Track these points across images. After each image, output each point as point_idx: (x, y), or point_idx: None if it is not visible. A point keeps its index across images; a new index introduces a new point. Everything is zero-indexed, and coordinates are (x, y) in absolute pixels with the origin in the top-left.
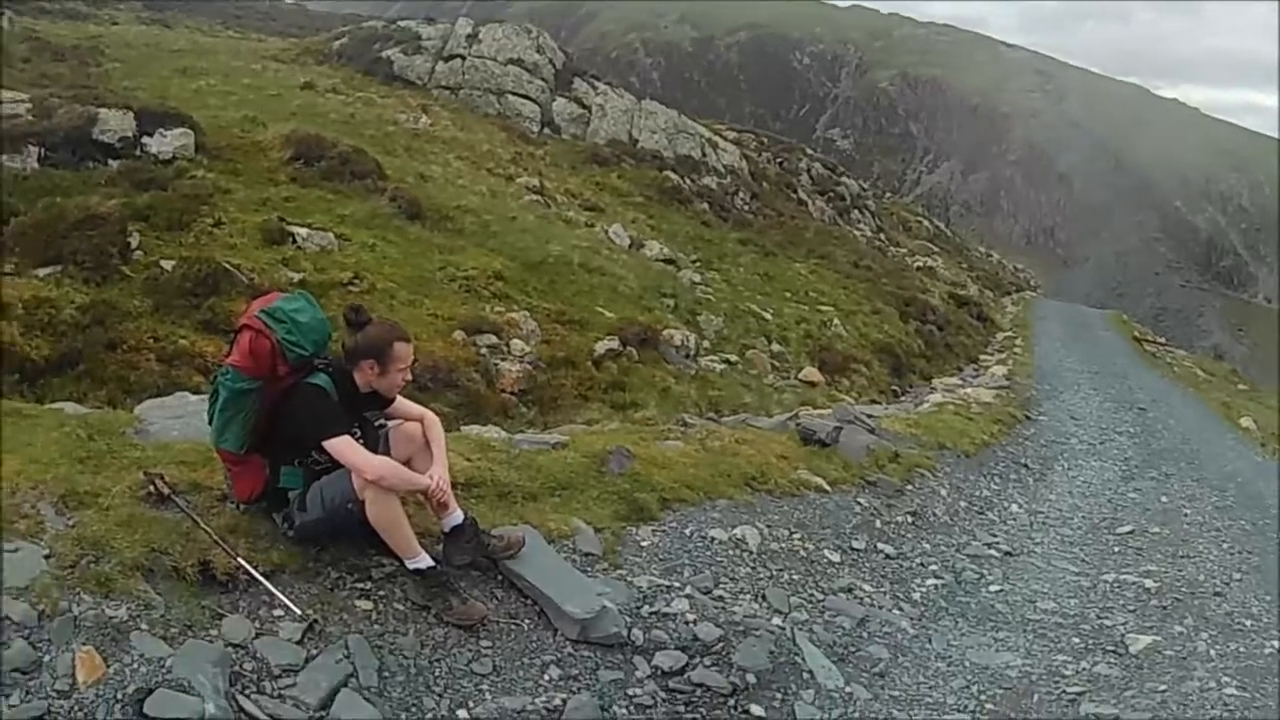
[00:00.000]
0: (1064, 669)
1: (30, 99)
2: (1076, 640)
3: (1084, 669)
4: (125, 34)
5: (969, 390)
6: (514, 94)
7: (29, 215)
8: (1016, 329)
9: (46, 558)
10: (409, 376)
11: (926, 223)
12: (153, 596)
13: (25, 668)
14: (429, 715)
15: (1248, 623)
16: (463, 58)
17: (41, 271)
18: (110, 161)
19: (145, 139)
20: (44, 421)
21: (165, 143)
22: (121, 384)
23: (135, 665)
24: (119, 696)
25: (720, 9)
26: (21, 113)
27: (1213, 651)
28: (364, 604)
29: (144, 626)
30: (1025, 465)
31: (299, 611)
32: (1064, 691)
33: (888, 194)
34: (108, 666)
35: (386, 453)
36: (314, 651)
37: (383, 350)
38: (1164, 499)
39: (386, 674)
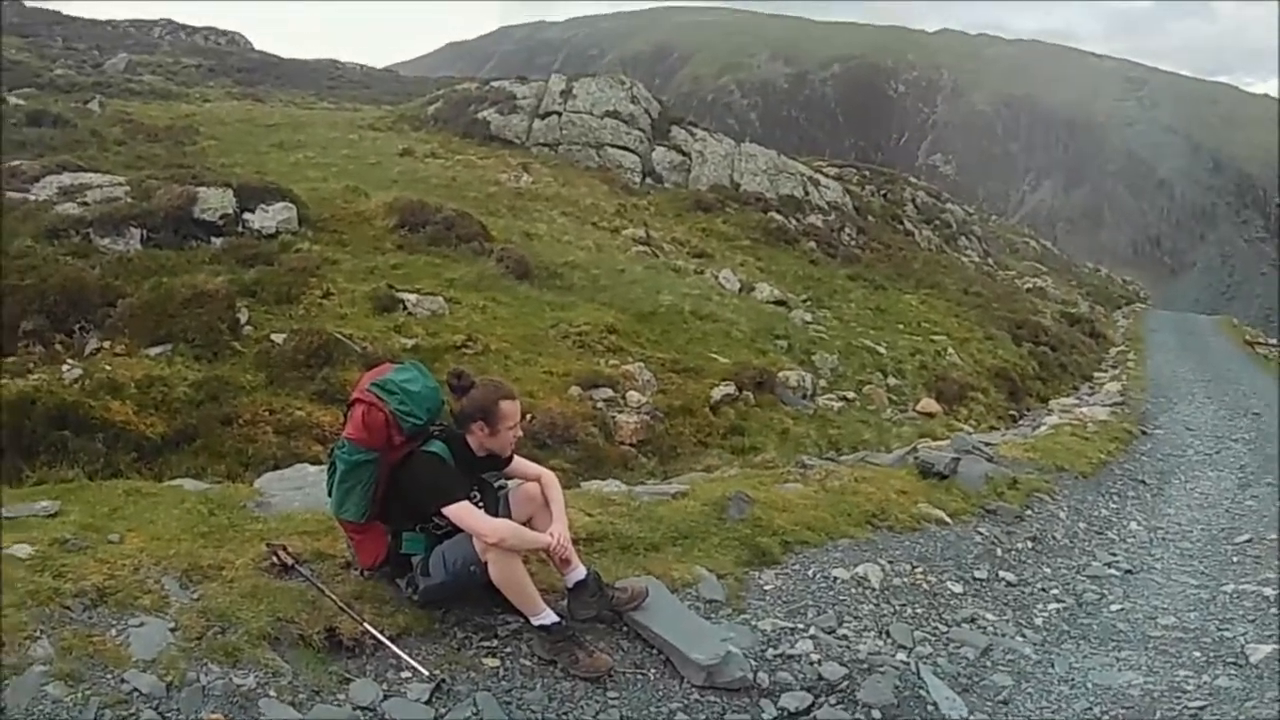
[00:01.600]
0: (1185, 684)
1: (128, 181)
2: (1197, 654)
3: (1205, 682)
4: (218, 111)
5: (1084, 409)
6: (613, 146)
7: (136, 296)
8: (1129, 343)
9: (172, 630)
10: (520, 433)
11: (1033, 243)
12: (280, 664)
13: None
14: None
15: None
16: (559, 114)
17: (152, 351)
18: (213, 239)
19: (247, 215)
20: (164, 499)
21: (267, 217)
22: (239, 457)
23: None
24: None
25: (810, 42)
26: (120, 195)
27: None
28: (491, 661)
29: (272, 694)
30: (1142, 481)
31: (426, 672)
32: (1185, 707)
33: (993, 217)
34: None
35: (507, 514)
36: (442, 711)
37: (489, 410)
38: None
39: None
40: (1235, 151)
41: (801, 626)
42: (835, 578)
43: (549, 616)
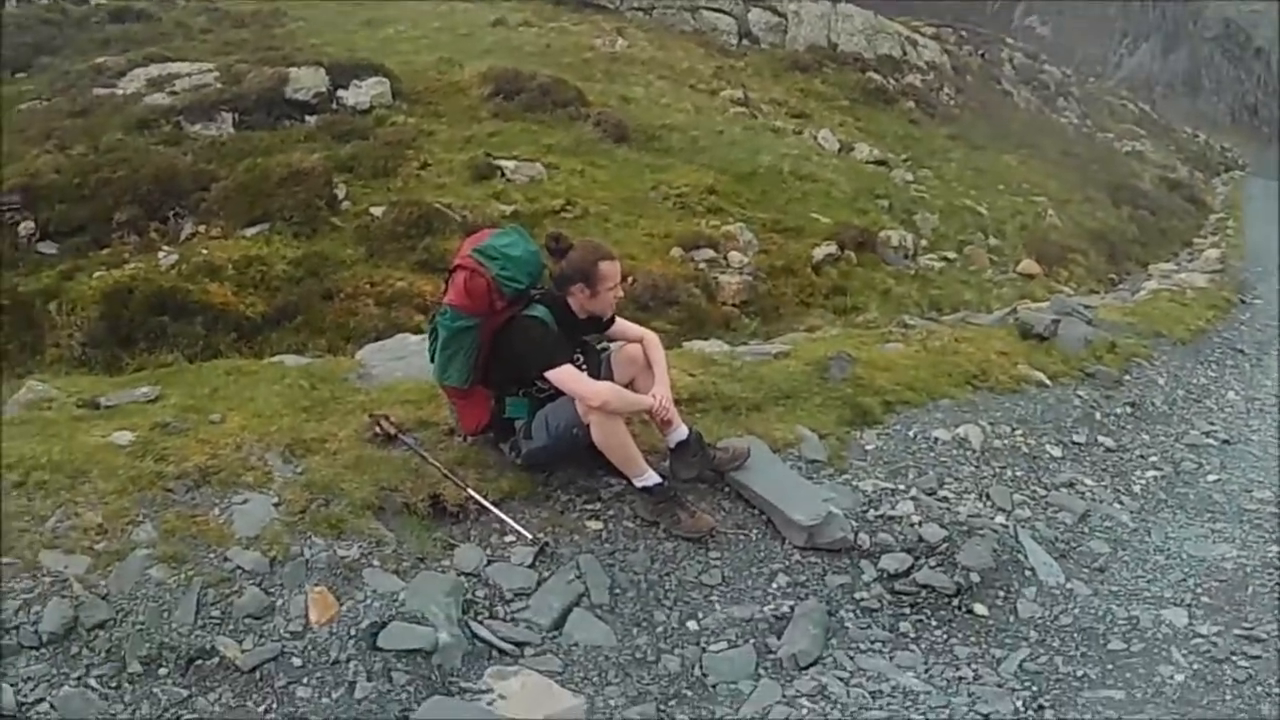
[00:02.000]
0: (1278, 560)
1: (216, 67)
2: None
3: None
4: None
5: (1183, 275)
6: (708, 9)
7: (230, 178)
8: (1228, 210)
9: (276, 506)
10: (620, 294)
11: (1131, 106)
12: (384, 533)
13: (258, 613)
14: (659, 629)
15: None
16: None
17: (249, 231)
18: (307, 118)
19: (340, 92)
20: (265, 375)
21: (361, 93)
22: (341, 331)
23: (368, 601)
24: (352, 632)
25: None
26: (210, 81)
27: None
28: (594, 524)
29: (376, 563)
30: (1241, 350)
31: (530, 536)
32: (1278, 583)
33: (1091, 79)
34: (340, 605)
35: (609, 376)
36: (546, 574)
37: (589, 272)
38: None
39: (617, 590)
40: None
41: (902, 488)
42: (936, 438)
43: (651, 478)
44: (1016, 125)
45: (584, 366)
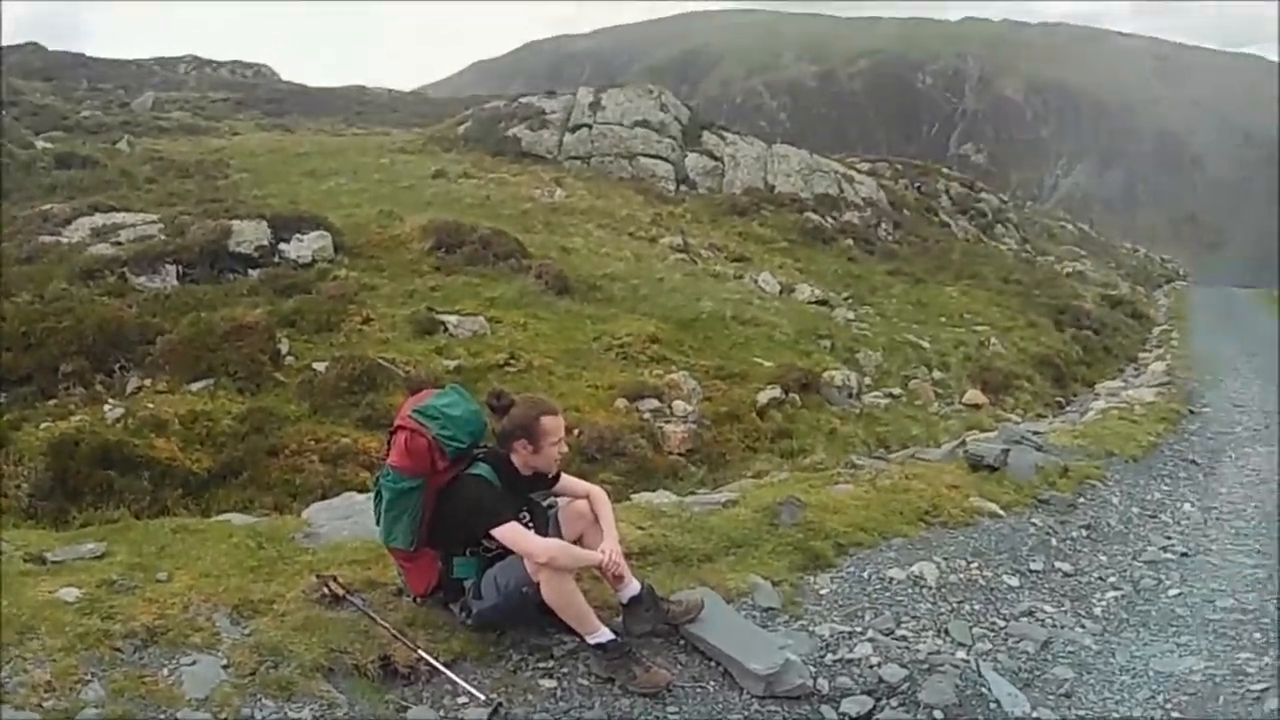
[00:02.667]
0: (1247, 667)
1: (161, 218)
2: (1258, 635)
3: (1267, 664)
4: (248, 143)
5: (1131, 392)
6: (645, 155)
7: (175, 332)
8: (1171, 321)
9: (225, 667)
10: (565, 449)
11: (1070, 227)
12: (335, 696)
13: None
14: None
15: None
16: (589, 126)
17: (194, 386)
18: (250, 271)
19: (282, 245)
20: (212, 534)
21: (303, 247)
22: (287, 488)
23: None
24: None
25: (835, 39)
26: (154, 233)
27: None
28: (547, 683)
29: None
30: (1194, 461)
31: (483, 697)
32: (1248, 690)
33: (1028, 203)
34: None
35: (556, 532)
36: None
37: (531, 428)
38: None
39: None
40: (1267, 122)
41: (859, 629)
42: (891, 578)
43: (604, 634)
44: (956, 256)
45: (531, 524)
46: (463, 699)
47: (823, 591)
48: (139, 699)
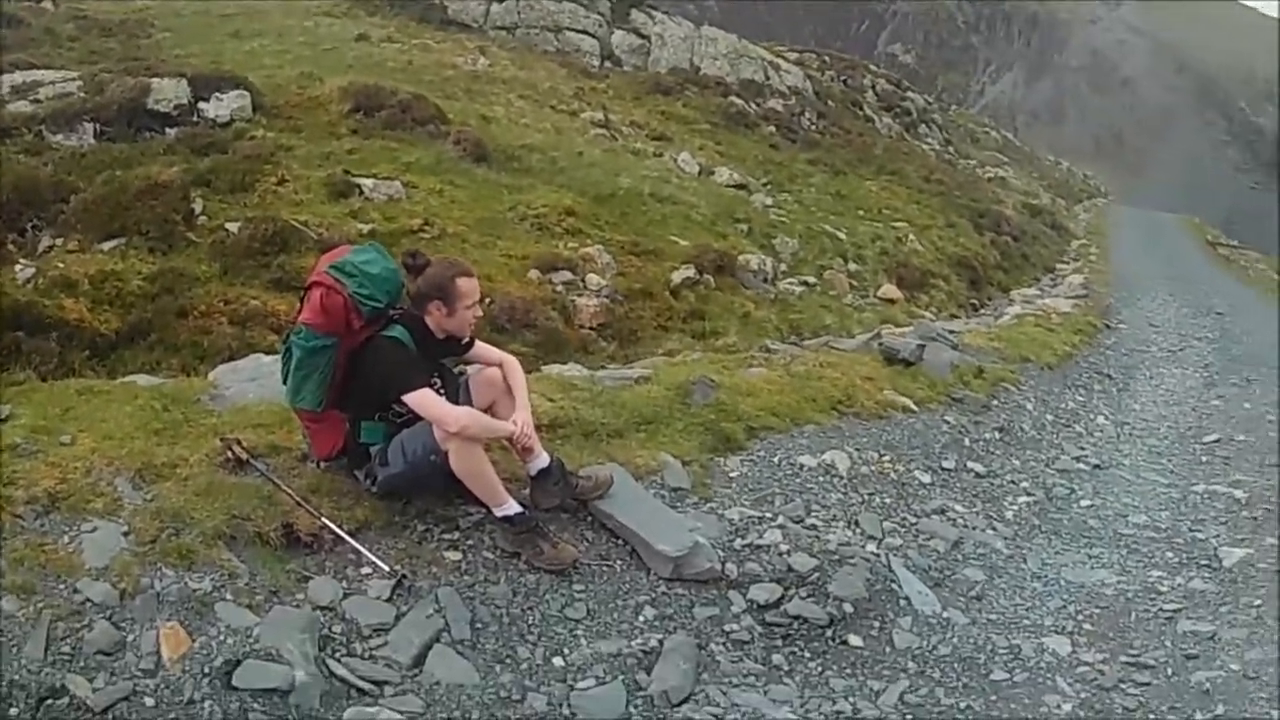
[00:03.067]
0: (1159, 585)
1: (81, 76)
2: (1170, 555)
3: (1179, 584)
4: (173, 4)
5: (1048, 301)
6: (571, 30)
7: (89, 191)
8: (1091, 237)
9: (125, 534)
10: (479, 313)
11: (994, 134)
12: (236, 565)
13: (109, 649)
14: (523, 665)
15: None
16: None
17: (106, 245)
18: (167, 130)
19: (201, 104)
20: (117, 396)
21: (222, 106)
22: (195, 350)
23: (221, 637)
24: (206, 670)
25: None
26: (73, 90)
27: None
28: (453, 555)
29: (229, 596)
30: (1108, 375)
31: (387, 568)
32: (1160, 609)
33: (953, 107)
34: (193, 640)
35: (468, 401)
36: (404, 608)
37: (446, 289)
38: (1247, 405)
39: (479, 625)
40: (1200, 55)
41: (769, 515)
42: (802, 464)
43: (512, 507)
44: (878, 151)
45: (442, 390)
46: (366, 569)
47: (733, 474)
48: (39, 568)
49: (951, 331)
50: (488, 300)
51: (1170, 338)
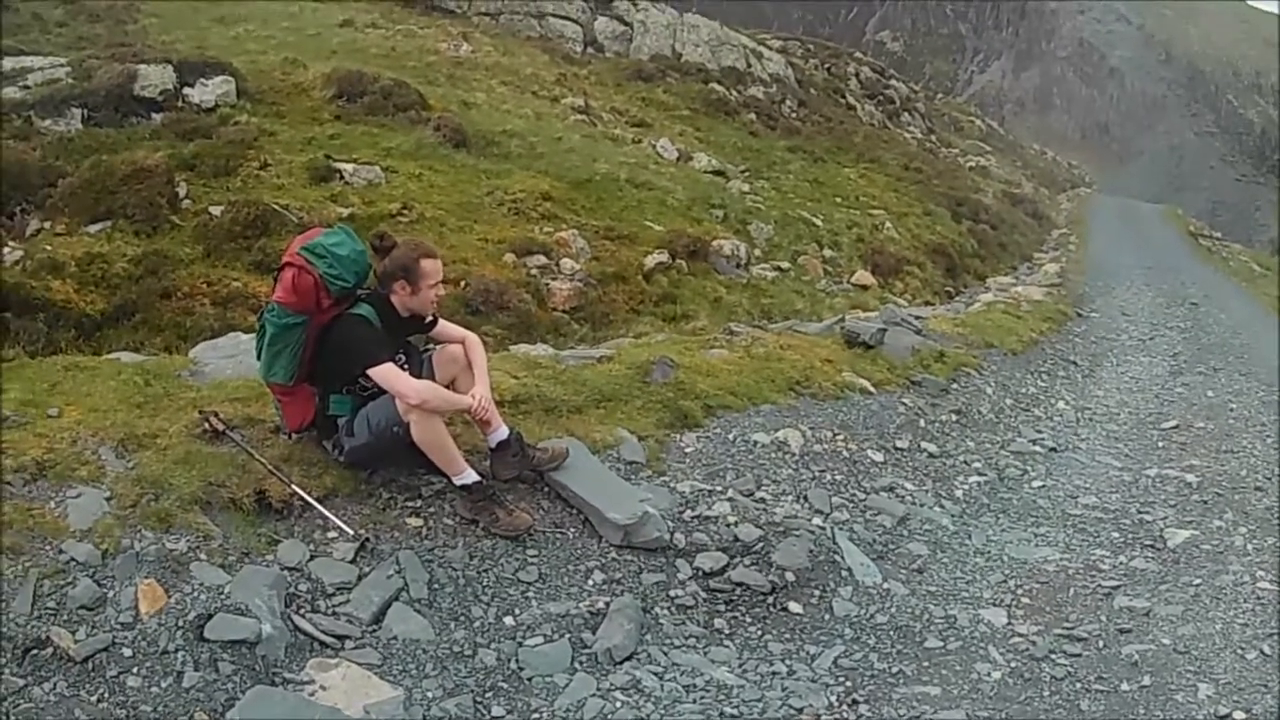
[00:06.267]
0: (1101, 563)
1: (68, 62)
2: (1116, 535)
3: (1121, 563)
4: None
5: (1020, 289)
6: (555, 16)
7: (76, 174)
8: (1071, 226)
9: (108, 499)
10: (441, 292)
11: (979, 122)
12: (211, 528)
13: (90, 604)
14: (476, 623)
15: None
16: None
17: (92, 228)
18: (153, 115)
19: (186, 90)
20: (102, 371)
21: (206, 92)
22: (177, 330)
23: (195, 594)
24: (180, 623)
25: None
26: (61, 76)
27: (1250, 546)
28: (414, 521)
29: (203, 556)
30: (1074, 362)
31: (351, 532)
32: (1099, 585)
33: (939, 95)
34: (169, 596)
35: (430, 376)
36: (366, 569)
37: (410, 268)
38: (1210, 394)
39: (436, 586)
40: (1188, 46)
41: (720, 489)
42: (755, 442)
43: (470, 476)
44: (859, 139)
45: (406, 366)
46: (332, 533)
47: (688, 450)
48: (27, 530)
49: (918, 317)
50: (462, 283)
51: (1141, 326)
